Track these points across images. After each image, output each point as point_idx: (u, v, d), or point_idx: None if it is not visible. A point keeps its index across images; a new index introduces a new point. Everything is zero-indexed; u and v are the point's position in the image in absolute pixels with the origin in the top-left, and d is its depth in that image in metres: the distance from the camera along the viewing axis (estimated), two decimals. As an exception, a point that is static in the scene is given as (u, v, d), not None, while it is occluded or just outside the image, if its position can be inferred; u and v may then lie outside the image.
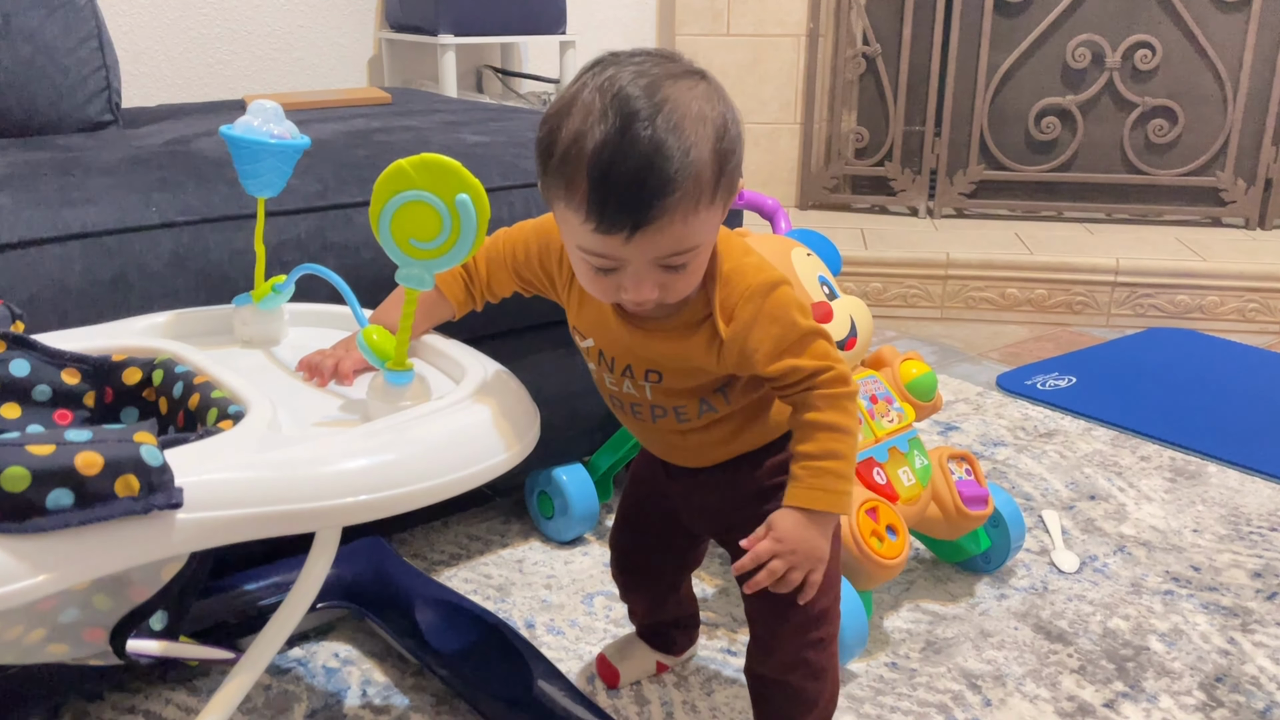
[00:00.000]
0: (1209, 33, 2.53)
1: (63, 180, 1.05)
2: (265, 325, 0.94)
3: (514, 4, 2.23)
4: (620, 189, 0.69)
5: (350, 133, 1.38)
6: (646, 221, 0.70)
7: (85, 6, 1.51)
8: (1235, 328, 2.33)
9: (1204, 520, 1.49)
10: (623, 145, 0.69)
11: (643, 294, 0.75)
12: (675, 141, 0.69)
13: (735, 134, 0.74)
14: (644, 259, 0.73)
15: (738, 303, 0.80)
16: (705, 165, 0.71)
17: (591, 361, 0.90)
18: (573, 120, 0.71)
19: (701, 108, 0.71)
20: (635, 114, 0.69)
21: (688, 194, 0.70)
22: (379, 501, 0.70)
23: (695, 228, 0.73)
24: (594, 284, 0.78)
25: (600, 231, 0.71)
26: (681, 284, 0.77)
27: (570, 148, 0.70)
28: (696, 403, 0.87)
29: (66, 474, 0.59)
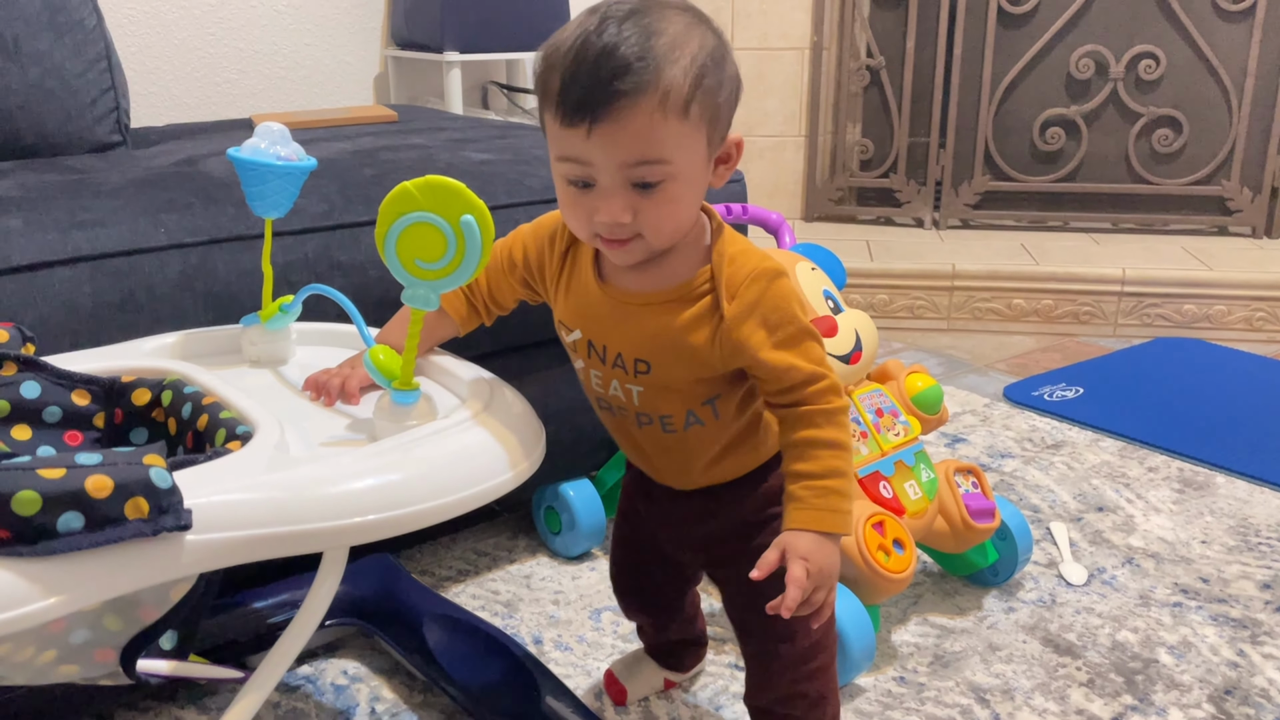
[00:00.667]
0: (1213, 42, 2.54)
1: (72, 202, 1.06)
2: (273, 345, 0.95)
3: (519, 21, 2.24)
4: (584, 74, 0.71)
5: (357, 152, 1.39)
6: (605, 111, 0.70)
7: (94, 29, 1.53)
8: (1243, 337, 2.33)
9: (1212, 531, 1.48)
10: (590, 38, 0.71)
11: (614, 213, 0.74)
12: (642, 40, 0.70)
13: (719, 62, 0.74)
14: (610, 163, 0.72)
15: (744, 282, 0.78)
16: (676, 73, 0.71)
17: (580, 358, 0.87)
18: (563, 34, 0.74)
19: (683, 32, 0.73)
20: (612, 17, 0.72)
21: (650, 91, 0.70)
22: (386, 521, 0.70)
23: (662, 137, 0.71)
24: (572, 209, 0.77)
25: (565, 124, 0.72)
26: (658, 213, 0.75)
27: (553, 53, 0.73)
28: (684, 413, 0.85)
29: (77, 497, 0.60)
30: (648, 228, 0.75)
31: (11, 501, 0.58)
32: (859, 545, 1.12)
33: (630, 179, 0.73)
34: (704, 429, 0.86)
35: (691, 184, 0.76)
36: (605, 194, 0.74)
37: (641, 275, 0.81)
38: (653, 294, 0.81)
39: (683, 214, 0.77)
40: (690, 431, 0.86)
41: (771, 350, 0.79)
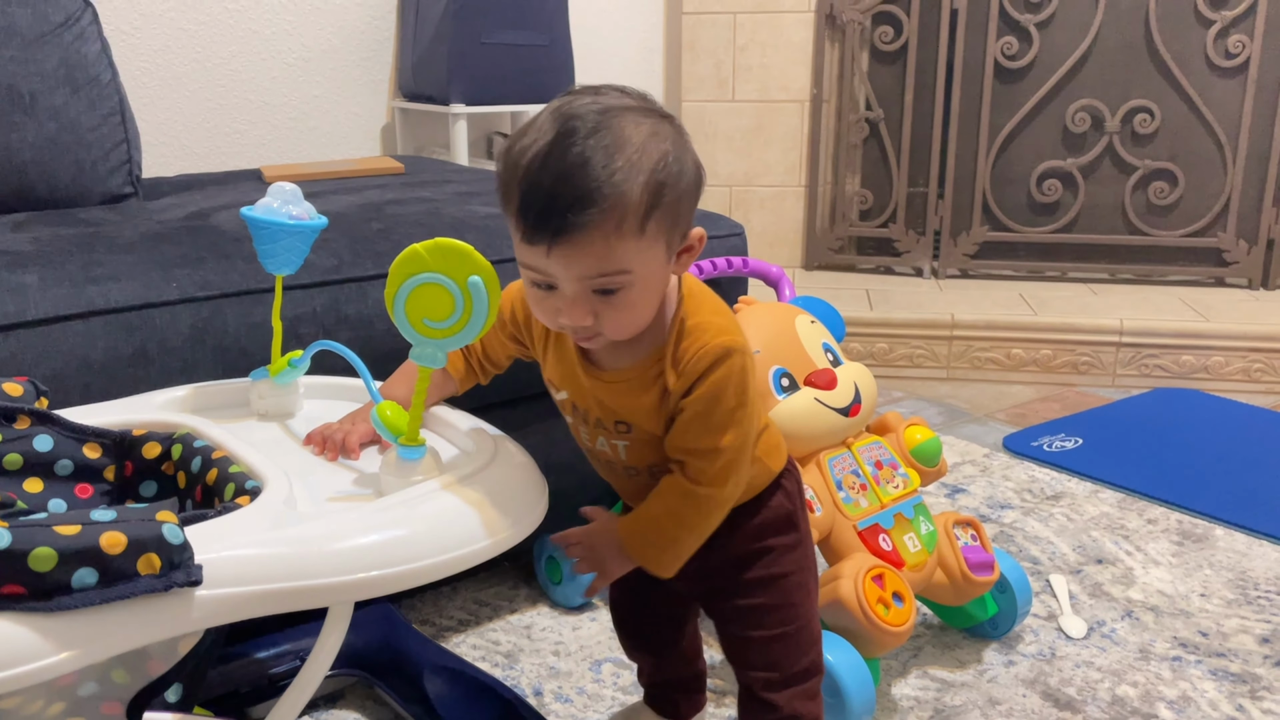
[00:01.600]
0: (1207, 97, 2.58)
1: (86, 257, 1.08)
2: (281, 399, 0.97)
3: (524, 75, 2.29)
4: (541, 199, 0.72)
5: (364, 205, 1.42)
6: (563, 235, 0.72)
7: (109, 84, 1.56)
8: (1240, 388, 2.34)
9: (1211, 585, 1.49)
10: (550, 157, 0.72)
11: (576, 318, 0.77)
12: (601, 159, 0.71)
13: (677, 171, 0.75)
14: (569, 275, 0.75)
15: (692, 359, 0.81)
16: (633, 191, 0.72)
17: (567, 414, 0.92)
18: (525, 137, 0.75)
19: (645, 141, 0.73)
20: (572, 131, 0.72)
21: (608, 214, 0.72)
22: (392, 577, 0.71)
23: (620, 253, 0.74)
24: (538, 306, 0.80)
25: (526, 240, 0.75)
26: (617, 316, 0.77)
27: (513, 159, 0.75)
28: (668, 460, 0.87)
29: (91, 553, 0.61)
30: (608, 327, 0.79)
31: (28, 558, 0.59)
32: (859, 598, 1.13)
33: (591, 287, 0.76)
34: None
35: (650, 286, 0.79)
36: (567, 300, 0.77)
37: (615, 352, 0.85)
38: (618, 373, 0.85)
39: (642, 313, 0.80)
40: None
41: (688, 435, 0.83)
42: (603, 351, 0.86)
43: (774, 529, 0.94)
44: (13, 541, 0.59)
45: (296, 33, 2.27)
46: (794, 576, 0.94)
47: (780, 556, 0.94)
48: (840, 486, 1.24)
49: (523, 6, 2.24)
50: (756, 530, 0.93)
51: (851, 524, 1.22)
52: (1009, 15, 2.61)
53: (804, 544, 0.97)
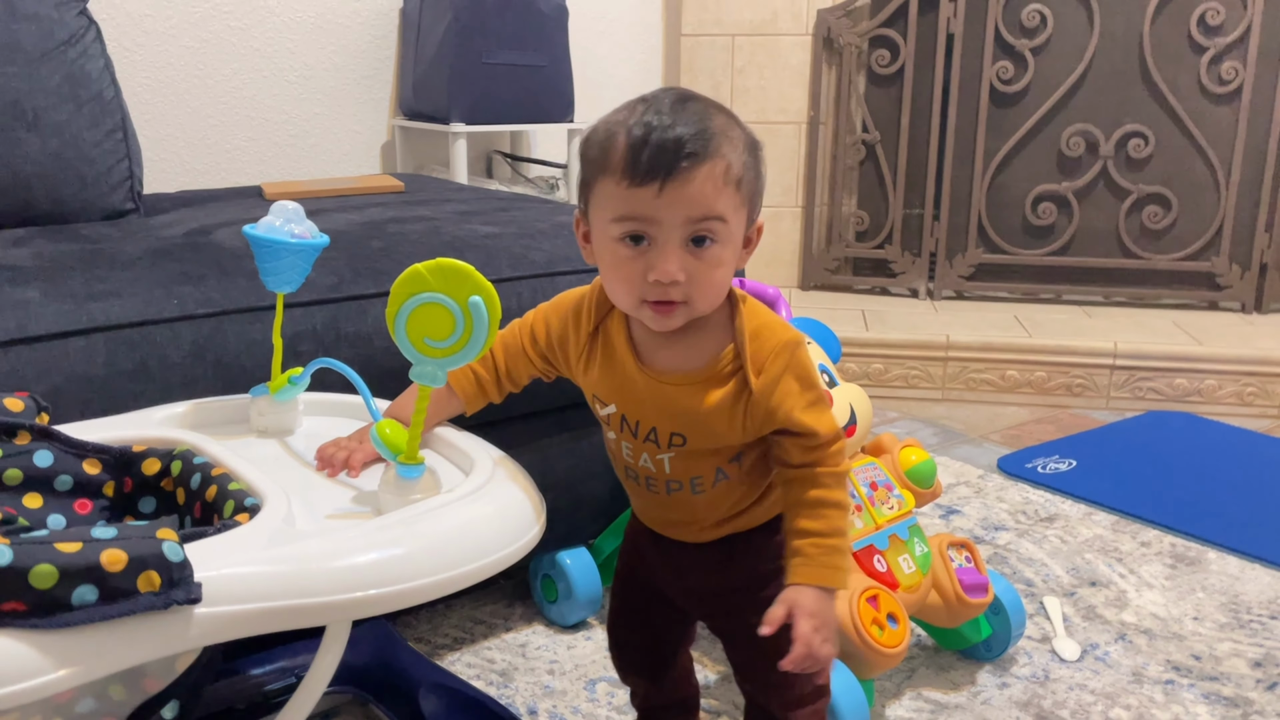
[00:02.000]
0: (1200, 123, 2.60)
1: (88, 273, 1.09)
2: (280, 416, 0.97)
3: (524, 95, 2.30)
4: (654, 143, 0.76)
5: (365, 223, 1.43)
6: (678, 171, 0.76)
7: (112, 100, 1.57)
8: (1233, 411, 2.36)
9: (1204, 608, 1.49)
10: (652, 117, 0.77)
11: (669, 271, 0.78)
12: (701, 121, 0.77)
13: (756, 151, 0.82)
14: (675, 218, 0.78)
15: (768, 357, 0.84)
16: (731, 152, 0.78)
17: (613, 430, 0.91)
18: (615, 116, 0.81)
19: (726, 123, 0.80)
20: (665, 101, 0.79)
21: (713, 159, 0.77)
22: (390, 596, 0.72)
23: (723, 202, 0.78)
24: (625, 269, 0.81)
25: (635, 184, 0.77)
26: (707, 275, 0.80)
27: (613, 128, 0.79)
28: (713, 471, 0.89)
29: (92, 570, 0.61)
30: (696, 287, 0.80)
31: (30, 575, 0.59)
32: (853, 620, 1.13)
33: (689, 234, 0.79)
34: (730, 483, 0.90)
35: (733, 251, 0.82)
36: (662, 250, 0.79)
37: (672, 353, 0.86)
38: (684, 374, 0.86)
39: (724, 278, 0.82)
40: (718, 488, 0.90)
41: (803, 411, 0.85)
42: (664, 355, 0.86)
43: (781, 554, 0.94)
44: (14, 559, 0.59)
45: (299, 51, 2.29)
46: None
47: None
48: (835, 507, 1.24)
49: (523, 28, 2.26)
50: (776, 548, 0.93)
51: (846, 545, 1.22)
52: (1004, 40, 2.63)
53: None
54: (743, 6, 2.78)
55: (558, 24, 2.34)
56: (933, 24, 2.65)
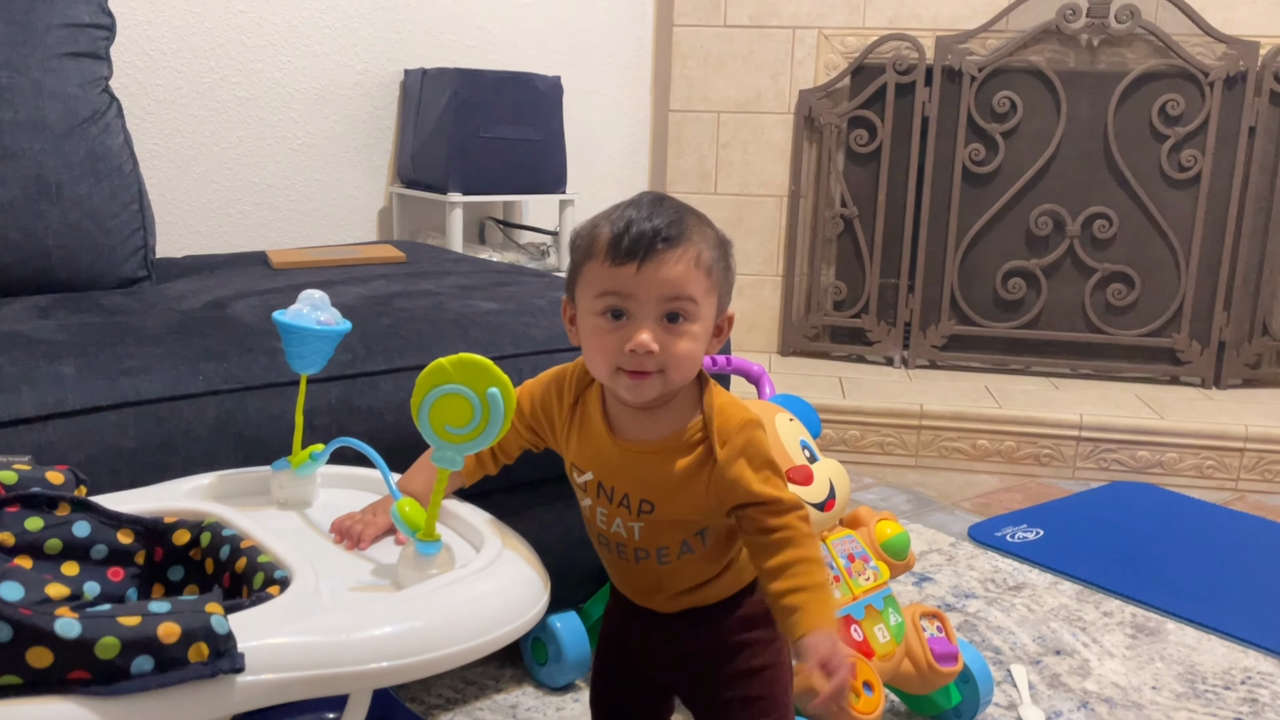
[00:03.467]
0: (1161, 206, 2.74)
1: (118, 349, 1.15)
2: (301, 489, 1.04)
3: (519, 166, 2.40)
4: (634, 229, 0.87)
5: (371, 298, 1.50)
6: (653, 253, 0.86)
7: (130, 174, 1.65)
8: (1194, 483, 2.46)
9: (1162, 678, 1.57)
10: (641, 208, 0.88)
11: (644, 342, 0.87)
12: (676, 215, 0.88)
13: (725, 252, 0.92)
14: (649, 296, 0.87)
15: (732, 432, 0.91)
16: (703, 244, 0.88)
17: (589, 497, 0.99)
18: (601, 215, 0.91)
19: (698, 223, 0.90)
20: (644, 201, 0.90)
21: (687, 246, 0.87)
22: (410, 666, 0.78)
23: (694, 284, 0.87)
24: (603, 339, 0.89)
25: (615, 264, 0.87)
26: (679, 350, 0.88)
27: (599, 223, 0.90)
28: (679, 544, 0.96)
29: (149, 642, 0.67)
30: (669, 359, 0.88)
31: (95, 647, 0.66)
32: (831, 687, 1.20)
33: (663, 311, 0.88)
34: (694, 556, 0.97)
35: (704, 331, 0.91)
36: (638, 323, 0.88)
37: (643, 425, 0.94)
38: (653, 443, 0.93)
39: (695, 354, 0.90)
40: (683, 560, 0.97)
41: (761, 484, 0.91)
42: (636, 425, 0.94)
43: (755, 623, 1.01)
44: (83, 631, 0.66)
45: (302, 120, 2.38)
46: (771, 670, 1.01)
47: (760, 650, 1.00)
48: (815, 578, 1.31)
49: (519, 104, 2.37)
50: (739, 624, 1.00)
51: (825, 615, 1.29)
52: (976, 124, 2.77)
53: (780, 638, 1.02)
54: (728, 85, 2.90)
55: (553, 101, 2.44)
56: (909, 107, 2.78)
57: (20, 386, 1.04)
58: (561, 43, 2.78)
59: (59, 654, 0.65)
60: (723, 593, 1.00)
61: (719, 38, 2.89)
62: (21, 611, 0.65)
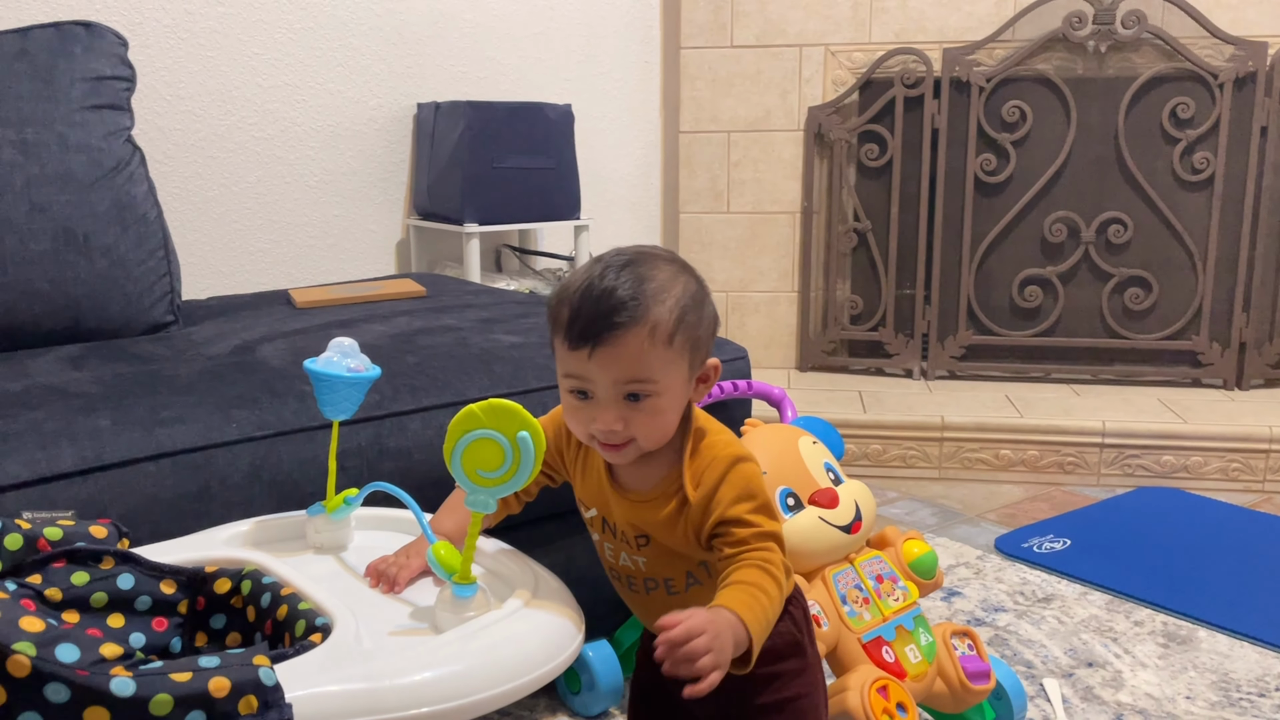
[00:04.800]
0: (1175, 209, 2.74)
1: (152, 399, 1.18)
2: (336, 533, 1.05)
3: (533, 195, 2.43)
4: (586, 311, 0.87)
5: (395, 335, 1.53)
6: (604, 339, 0.86)
7: (155, 221, 1.68)
8: (1220, 487, 2.45)
9: (1196, 687, 1.57)
10: (594, 282, 0.88)
11: (608, 422, 0.89)
12: (635, 285, 0.87)
13: (698, 305, 0.91)
14: (606, 380, 0.88)
15: (704, 471, 0.93)
16: (662, 312, 0.87)
17: (595, 531, 1.02)
18: (573, 279, 0.91)
19: (667, 281, 0.90)
20: (611, 266, 0.89)
21: (641, 326, 0.86)
22: (453, 710, 0.79)
23: (652, 362, 0.87)
24: (574, 416, 0.92)
25: (571, 347, 0.88)
26: (646, 423, 0.89)
27: (563, 292, 0.90)
28: (684, 575, 0.98)
29: (201, 698, 0.69)
30: (640, 433, 0.90)
31: (150, 705, 0.67)
32: (865, 710, 1.21)
33: (623, 393, 0.89)
34: (702, 588, 0.98)
35: (674, 399, 0.92)
36: (601, 405, 0.90)
37: (632, 476, 0.97)
38: (639, 493, 0.96)
39: (666, 423, 0.92)
40: (691, 592, 0.99)
41: (734, 507, 0.91)
42: (626, 474, 0.97)
43: (782, 655, 1.01)
44: (137, 690, 0.67)
45: (319, 158, 2.41)
46: (804, 700, 1.02)
47: (790, 681, 1.01)
48: (844, 601, 1.32)
49: (532, 133, 2.39)
50: (765, 655, 0.99)
51: (856, 637, 1.30)
52: (986, 134, 2.77)
53: (811, 668, 1.04)
54: (737, 105, 2.93)
55: (564, 128, 2.47)
56: (918, 120, 2.80)
57: (60, 441, 1.06)
58: (571, 71, 2.81)
59: (115, 713, 0.67)
60: None
61: (726, 58, 2.91)
62: (78, 672, 0.67)
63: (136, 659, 0.72)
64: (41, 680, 0.66)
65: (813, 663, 1.05)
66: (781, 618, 1.02)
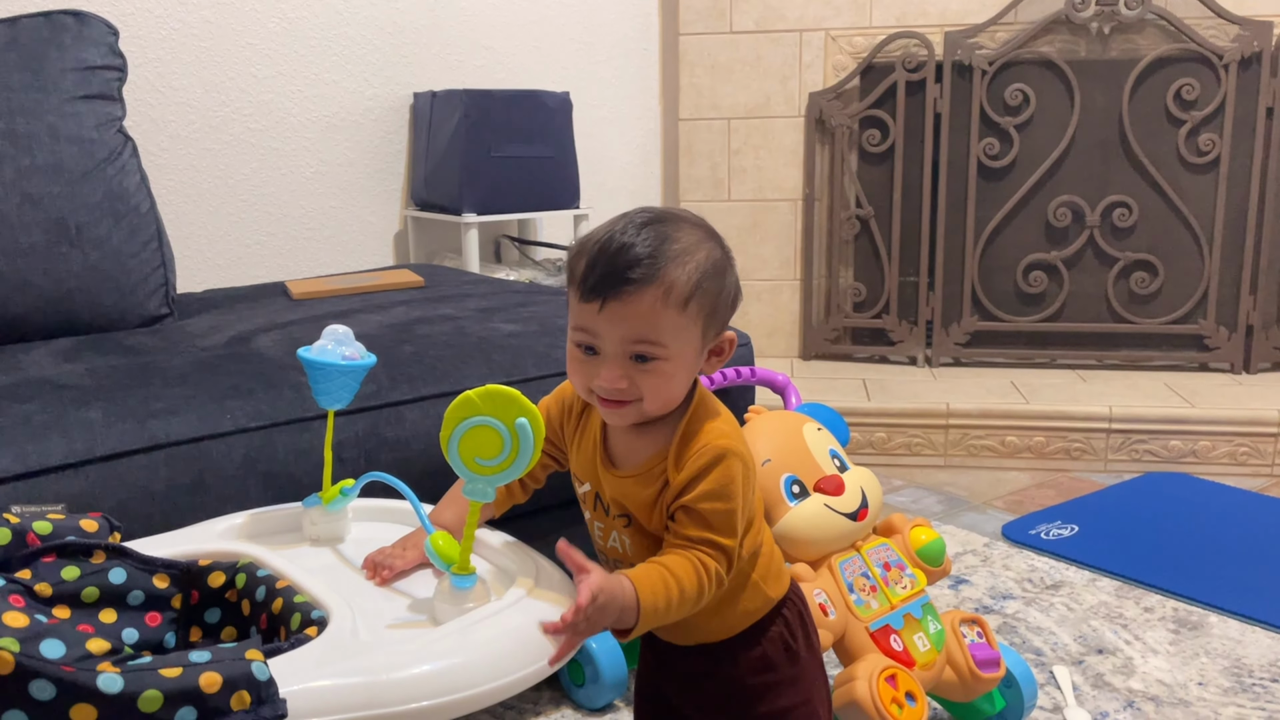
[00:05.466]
0: (1181, 192, 2.71)
1: (145, 391, 1.16)
2: (332, 525, 1.03)
3: (532, 184, 2.40)
4: (602, 263, 0.84)
5: (393, 325, 1.50)
6: (615, 293, 0.84)
7: (148, 212, 1.66)
8: (1228, 471, 2.42)
9: (1208, 673, 1.55)
10: (615, 235, 0.86)
11: (611, 380, 0.86)
12: (655, 244, 0.85)
13: (719, 272, 0.88)
14: (614, 336, 0.85)
15: (691, 457, 0.89)
16: (680, 274, 0.85)
17: (587, 509, 0.98)
18: (594, 231, 0.89)
19: (691, 243, 0.87)
20: (634, 222, 0.86)
21: (656, 285, 0.84)
22: (452, 704, 0.77)
23: (663, 324, 0.85)
24: (578, 371, 0.89)
25: (583, 299, 0.86)
26: (649, 384, 0.86)
27: (584, 244, 0.88)
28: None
29: (192, 693, 0.67)
30: (647, 393, 0.87)
31: (138, 701, 0.66)
32: (873, 699, 1.19)
33: (630, 352, 0.86)
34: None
35: (683, 365, 0.89)
36: (607, 362, 0.87)
37: (630, 445, 0.93)
38: (628, 470, 0.93)
39: (673, 388, 0.89)
40: None
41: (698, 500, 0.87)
42: (618, 448, 0.94)
43: (774, 662, 0.98)
44: (125, 685, 0.65)
45: (314, 149, 2.39)
46: (801, 709, 0.99)
47: (785, 690, 0.98)
48: (852, 589, 1.30)
49: (530, 122, 2.37)
50: (757, 665, 0.97)
51: (864, 625, 1.28)
52: (989, 118, 2.75)
53: (807, 673, 1.00)
54: (737, 91, 2.90)
55: (563, 116, 2.44)
56: (920, 104, 2.77)
57: (50, 434, 1.04)
58: (569, 58, 2.78)
59: (102, 710, 0.65)
60: (734, 627, 0.97)
61: (726, 45, 2.89)
62: (63, 669, 0.65)
63: (125, 654, 0.70)
64: (26, 677, 0.64)
65: (808, 669, 1.01)
66: (773, 621, 0.99)
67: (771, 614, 0.99)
